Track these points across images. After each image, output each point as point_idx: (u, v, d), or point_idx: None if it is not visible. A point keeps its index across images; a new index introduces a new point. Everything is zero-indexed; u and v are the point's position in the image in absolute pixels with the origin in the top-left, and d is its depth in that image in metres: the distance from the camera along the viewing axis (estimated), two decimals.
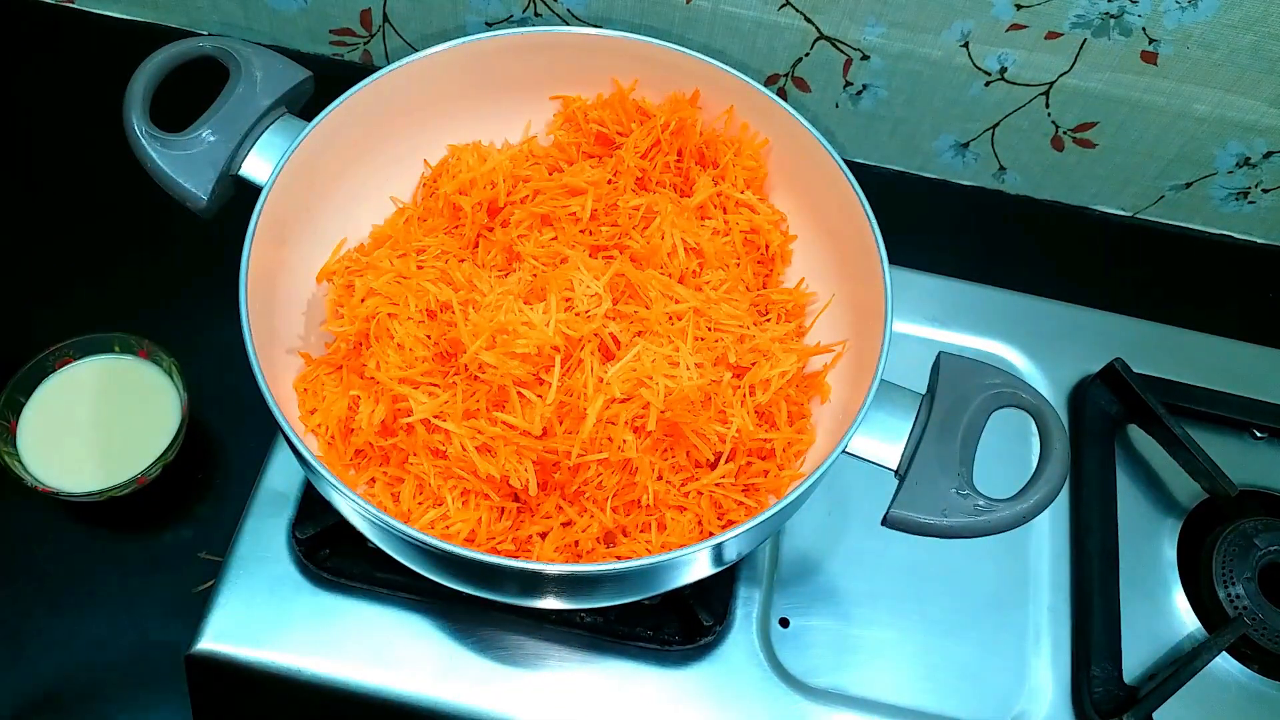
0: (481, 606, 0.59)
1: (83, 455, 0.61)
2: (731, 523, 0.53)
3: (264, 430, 0.64)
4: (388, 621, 0.59)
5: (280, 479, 0.62)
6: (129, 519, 0.64)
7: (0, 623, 0.60)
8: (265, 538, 0.60)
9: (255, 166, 0.55)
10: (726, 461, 0.53)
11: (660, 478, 0.52)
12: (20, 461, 0.60)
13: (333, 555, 0.60)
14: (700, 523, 0.53)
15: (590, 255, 0.57)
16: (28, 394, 0.62)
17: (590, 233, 0.58)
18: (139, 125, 0.54)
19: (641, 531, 0.52)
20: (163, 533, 0.64)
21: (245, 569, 0.59)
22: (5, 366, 0.62)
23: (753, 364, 0.55)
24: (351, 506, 0.46)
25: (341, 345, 0.55)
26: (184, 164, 0.53)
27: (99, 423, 0.62)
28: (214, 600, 0.58)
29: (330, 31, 0.79)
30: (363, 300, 0.54)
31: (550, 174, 0.61)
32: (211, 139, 0.54)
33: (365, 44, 0.80)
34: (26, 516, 0.63)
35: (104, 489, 0.59)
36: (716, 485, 0.53)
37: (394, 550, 0.50)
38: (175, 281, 0.72)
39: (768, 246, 0.60)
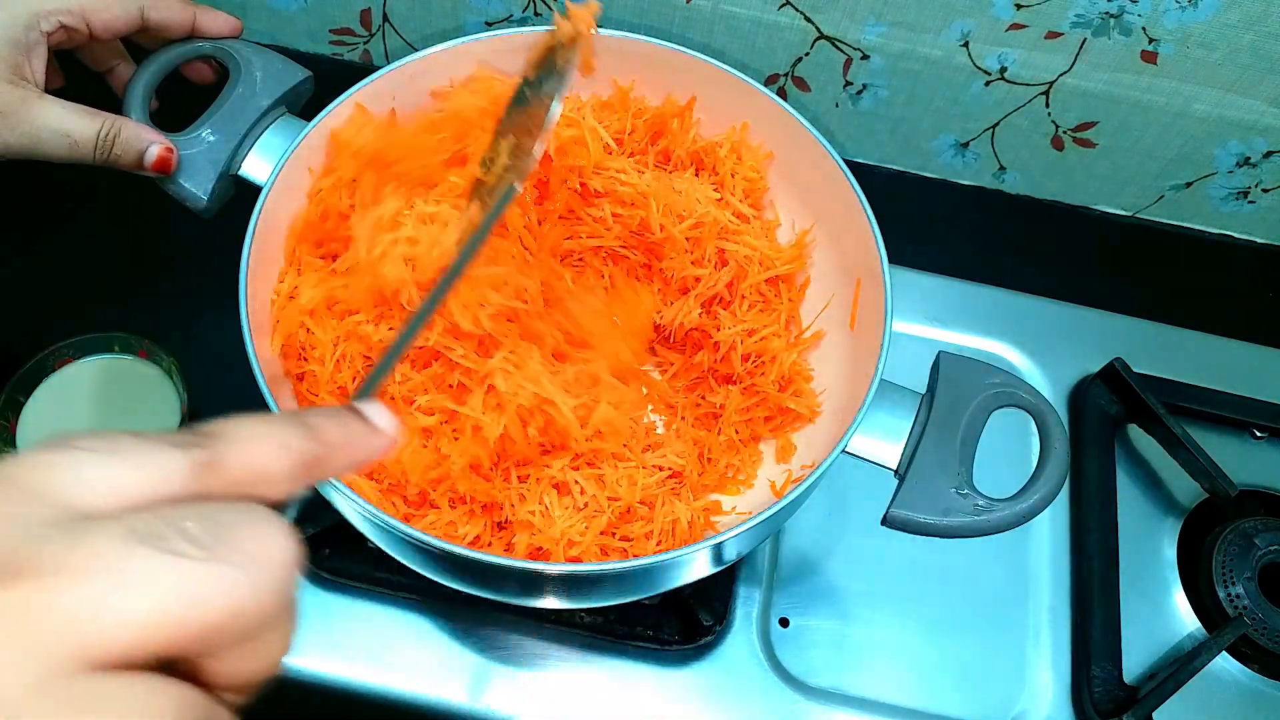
0: (481, 607, 0.59)
1: None
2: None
3: None
4: (388, 621, 0.59)
5: None
6: None
7: None
8: None
9: (255, 166, 0.55)
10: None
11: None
12: None
13: (333, 555, 0.60)
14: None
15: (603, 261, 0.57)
16: (27, 394, 0.62)
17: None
18: None
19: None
20: None
21: None
22: (5, 366, 0.62)
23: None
24: (351, 506, 0.46)
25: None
26: (184, 164, 0.53)
27: (99, 423, 0.62)
28: None
29: (330, 31, 0.79)
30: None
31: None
32: (211, 139, 0.54)
33: (365, 44, 0.80)
34: None
35: None
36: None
37: (394, 550, 0.50)
38: (175, 281, 0.72)
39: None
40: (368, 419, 0.27)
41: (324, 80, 0.59)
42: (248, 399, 0.47)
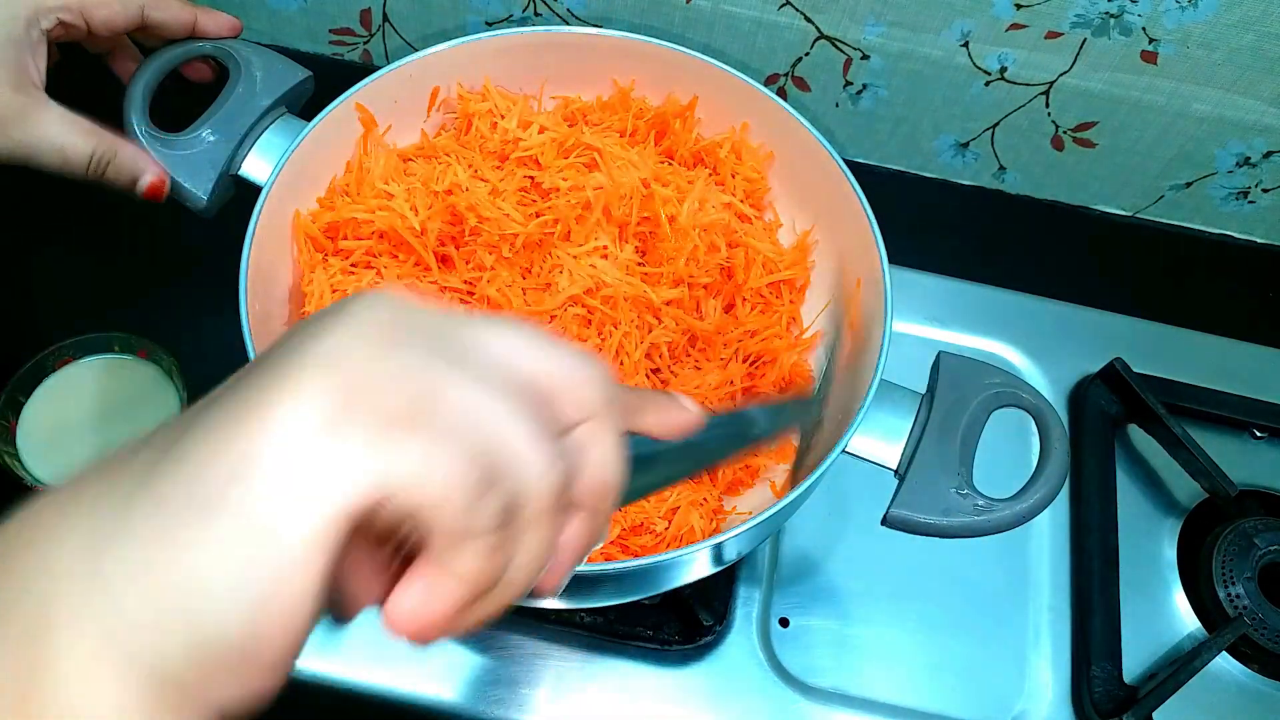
0: None
1: (83, 455, 0.61)
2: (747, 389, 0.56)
3: None
4: None
5: None
6: None
7: None
8: None
9: (255, 166, 0.55)
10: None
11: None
12: (20, 461, 0.60)
13: None
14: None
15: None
16: (27, 394, 0.62)
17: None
18: (139, 125, 0.54)
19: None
20: None
21: None
22: (5, 366, 0.62)
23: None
24: None
25: None
26: (184, 164, 0.53)
27: (99, 423, 0.62)
28: None
29: (330, 31, 0.79)
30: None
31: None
32: (211, 139, 0.54)
33: (365, 44, 0.80)
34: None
35: None
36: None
37: None
38: (175, 281, 0.72)
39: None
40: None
41: (324, 80, 0.59)
42: None
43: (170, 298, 0.70)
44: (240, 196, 0.55)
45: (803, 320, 0.60)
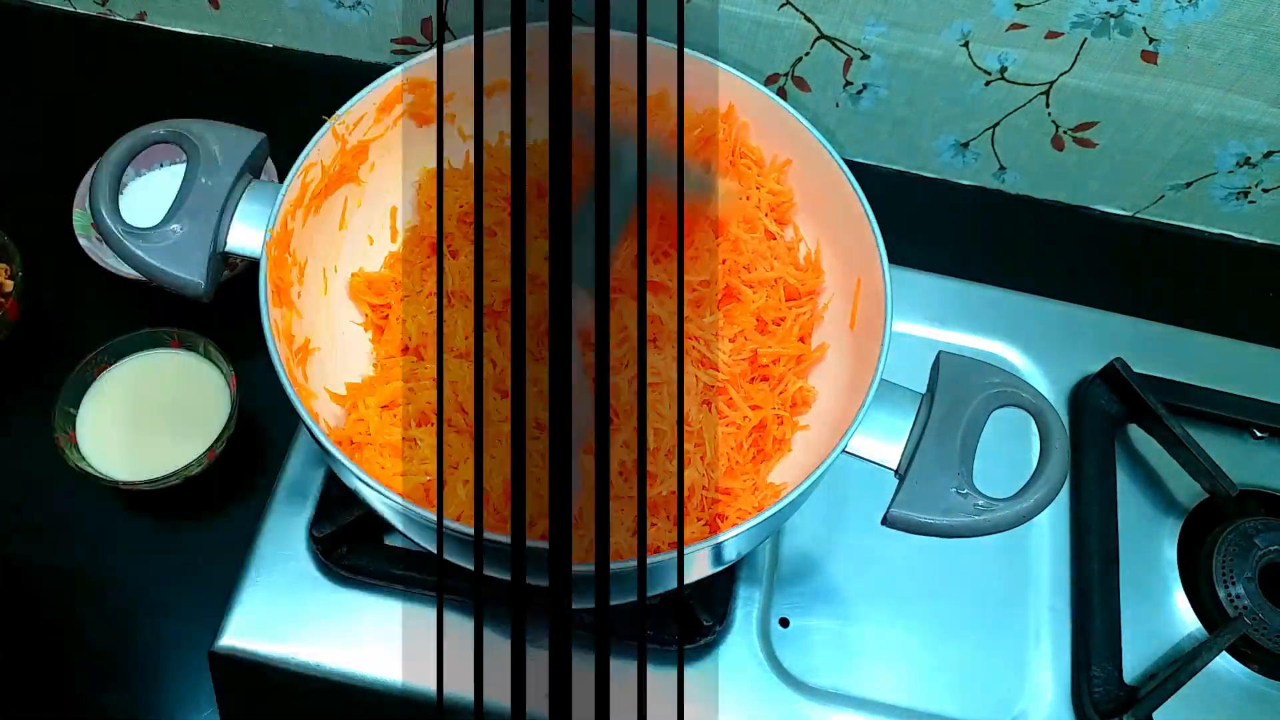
0: (488, 605, 0.59)
1: (149, 445, 0.63)
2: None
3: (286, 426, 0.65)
4: (404, 617, 0.59)
5: (299, 478, 0.63)
6: (177, 509, 0.65)
7: (35, 613, 0.62)
8: (285, 536, 0.61)
9: (241, 237, 0.52)
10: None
11: None
12: (91, 465, 0.61)
13: (350, 553, 0.61)
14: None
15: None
16: (77, 405, 0.63)
17: None
18: (115, 225, 0.51)
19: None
20: (210, 524, 0.65)
21: (266, 567, 0.60)
22: (45, 388, 0.63)
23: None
24: (378, 498, 0.46)
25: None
26: (170, 255, 0.51)
27: (157, 412, 0.64)
28: (236, 598, 0.59)
29: (392, 41, 0.79)
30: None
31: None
32: (187, 227, 0.51)
33: (427, 52, 0.80)
34: (74, 506, 0.64)
35: (178, 469, 0.60)
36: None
37: (416, 535, 0.50)
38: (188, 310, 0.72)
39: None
40: None
41: None
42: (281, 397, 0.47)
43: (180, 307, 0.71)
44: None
45: (812, 342, 0.60)
